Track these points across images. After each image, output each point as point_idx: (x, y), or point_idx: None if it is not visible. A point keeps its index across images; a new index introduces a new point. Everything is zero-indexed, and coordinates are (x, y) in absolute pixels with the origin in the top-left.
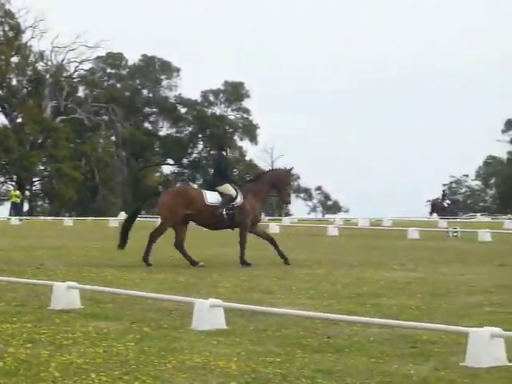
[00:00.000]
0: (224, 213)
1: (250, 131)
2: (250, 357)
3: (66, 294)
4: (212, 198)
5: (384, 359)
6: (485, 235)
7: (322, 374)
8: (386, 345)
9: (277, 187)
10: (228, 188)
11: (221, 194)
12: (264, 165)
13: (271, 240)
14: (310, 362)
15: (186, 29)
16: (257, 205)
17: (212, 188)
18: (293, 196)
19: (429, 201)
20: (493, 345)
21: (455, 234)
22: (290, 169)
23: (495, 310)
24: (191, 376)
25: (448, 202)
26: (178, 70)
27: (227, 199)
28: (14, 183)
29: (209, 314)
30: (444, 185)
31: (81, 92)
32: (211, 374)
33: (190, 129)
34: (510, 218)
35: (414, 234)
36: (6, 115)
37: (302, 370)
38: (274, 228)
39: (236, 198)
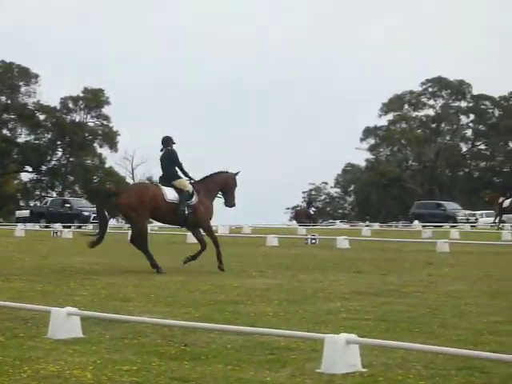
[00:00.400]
0: (186, 212)
1: (110, 138)
2: (105, 365)
3: None
4: (170, 194)
5: (241, 366)
6: (343, 242)
7: (178, 382)
8: (243, 352)
9: (224, 189)
10: (184, 183)
11: (177, 189)
12: (124, 172)
13: (204, 246)
14: (166, 370)
15: (45, 34)
16: (210, 204)
17: (167, 183)
18: None
19: (288, 208)
20: (348, 351)
21: (314, 241)
22: (237, 173)
23: (351, 316)
24: None
25: (313, 209)
26: (36, 76)
27: (185, 196)
28: None
29: (65, 322)
30: (304, 192)
31: None
32: (66, 382)
33: (49, 136)
34: (367, 225)
35: (273, 241)
36: None
37: (158, 378)
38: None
39: (193, 194)
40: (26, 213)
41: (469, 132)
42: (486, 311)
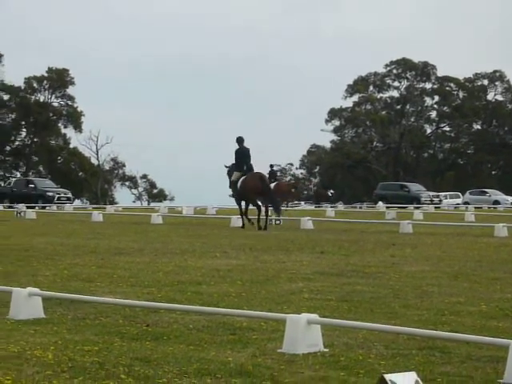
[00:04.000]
0: None
1: (75, 118)
2: (67, 346)
3: None
4: None
5: (202, 346)
6: (307, 223)
7: (140, 362)
8: (205, 332)
9: None
10: None
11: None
12: (89, 153)
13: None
14: (127, 350)
15: (10, 13)
16: None
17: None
18: (118, 184)
19: None
20: (310, 331)
21: (278, 221)
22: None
23: (314, 296)
24: (6, 366)
25: (332, 191)
26: (0, 55)
27: None
28: None
29: (26, 303)
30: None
31: None
32: (27, 363)
33: (13, 116)
34: (332, 207)
35: (237, 222)
36: None
37: (119, 359)
38: (97, 216)
39: None
40: None
41: (433, 114)
42: (447, 292)
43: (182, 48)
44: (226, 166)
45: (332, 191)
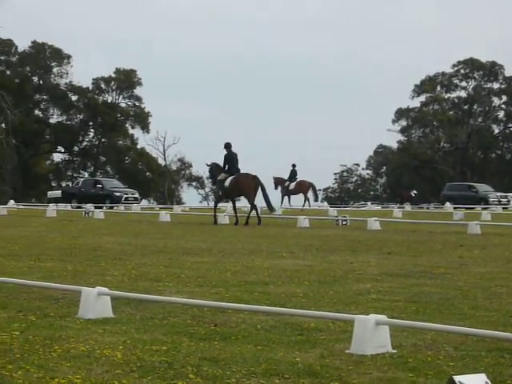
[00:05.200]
0: None
1: (142, 119)
2: (135, 345)
3: None
4: None
5: (270, 347)
6: (374, 224)
7: (208, 362)
8: (273, 332)
9: None
10: None
11: None
12: (156, 153)
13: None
14: (196, 350)
15: (78, 15)
16: None
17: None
18: (185, 184)
19: (320, 189)
20: (378, 332)
21: (344, 222)
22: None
23: (381, 297)
24: (76, 364)
25: (415, 192)
26: (68, 56)
27: None
28: None
29: (96, 302)
30: (336, 173)
31: None
32: (96, 362)
33: (81, 116)
34: (399, 207)
35: (304, 222)
36: None
37: (187, 358)
38: (164, 216)
39: None
40: (57, 193)
41: (501, 114)
42: None
43: (250, 46)
44: (208, 165)
45: (415, 192)
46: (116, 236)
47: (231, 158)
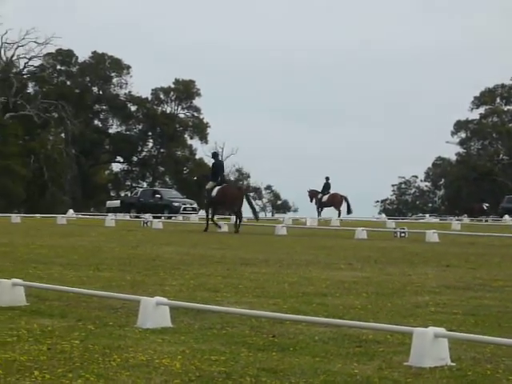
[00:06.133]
0: None
1: (201, 130)
2: (194, 355)
3: (10, 291)
4: None
5: (328, 358)
6: (432, 236)
7: (266, 373)
8: (331, 344)
9: None
10: None
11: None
12: None
13: None
14: (254, 361)
15: (137, 26)
16: None
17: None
18: None
19: (377, 201)
20: (437, 345)
21: (403, 234)
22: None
23: (440, 310)
24: (135, 374)
25: (487, 204)
26: (128, 67)
27: None
28: None
29: (154, 312)
30: (393, 185)
31: (30, 88)
32: (155, 371)
33: (140, 127)
34: (457, 219)
35: (362, 233)
36: None
37: (246, 369)
38: (222, 227)
39: None
40: (116, 203)
41: None
42: None
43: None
44: (204, 176)
45: (487, 204)
46: (174, 246)
47: (219, 166)
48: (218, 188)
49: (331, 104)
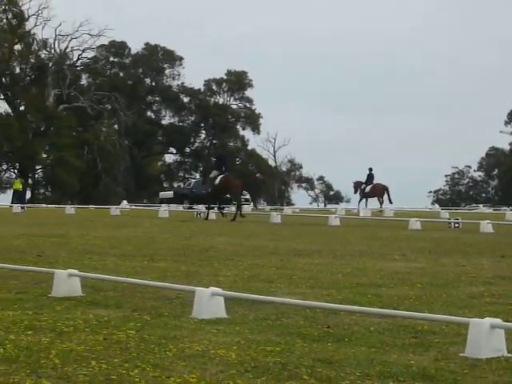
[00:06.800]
0: None
1: (253, 121)
2: (249, 346)
3: (67, 282)
4: None
5: (384, 349)
6: (486, 226)
7: (322, 364)
8: (386, 335)
9: None
10: None
11: None
12: (266, 154)
13: None
14: (309, 352)
15: (189, 17)
16: None
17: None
18: (295, 186)
19: (431, 192)
20: (493, 335)
21: (457, 224)
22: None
23: (495, 300)
24: (191, 364)
25: None
26: (180, 58)
27: None
28: (16, 171)
29: (209, 302)
30: (446, 175)
31: (84, 80)
32: (211, 362)
33: (193, 118)
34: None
35: (415, 224)
36: (9, 103)
37: (301, 359)
38: (275, 217)
39: None
40: (169, 194)
41: None
42: None
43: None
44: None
45: None
46: (228, 237)
47: (223, 157)
48: (220, 176)
49: (384, 94)
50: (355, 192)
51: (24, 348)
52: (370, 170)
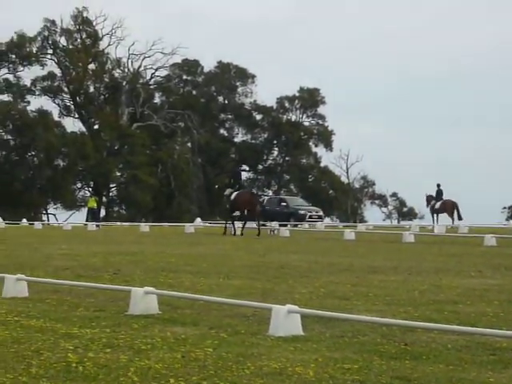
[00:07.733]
0: None
1: (325, 137)
2: (327, 363)
3: (143, 300)
4: None
5: (463, 367)
6: None
7: (400, 381)
8: (464, 352)
9: None
10: None
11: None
12: (339, 171)
13: None
14: (387, 369)
15: (262, 35)
16: None
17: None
18: (368, 202)
19: (505, 208)
20: None
21: None
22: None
23: None
24: (268, 382)
25: None
26: (253, 76)
27: None
28: (90, 189)
29: (286, 320)
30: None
31: (157, 99)
32: (289, 380)
33: (265, 135)
34: None
35: (491, 240)
36: (84, 122)
37: (379, 377)
38: (349, 234)
39: None
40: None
41: None
42: None
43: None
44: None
45: None
46: (302, 254)
47: (237, 174)
48: (235, 194)
49: (458, 109)
50: (427, 206)
51: (103, 366)
52: (438, 185)
